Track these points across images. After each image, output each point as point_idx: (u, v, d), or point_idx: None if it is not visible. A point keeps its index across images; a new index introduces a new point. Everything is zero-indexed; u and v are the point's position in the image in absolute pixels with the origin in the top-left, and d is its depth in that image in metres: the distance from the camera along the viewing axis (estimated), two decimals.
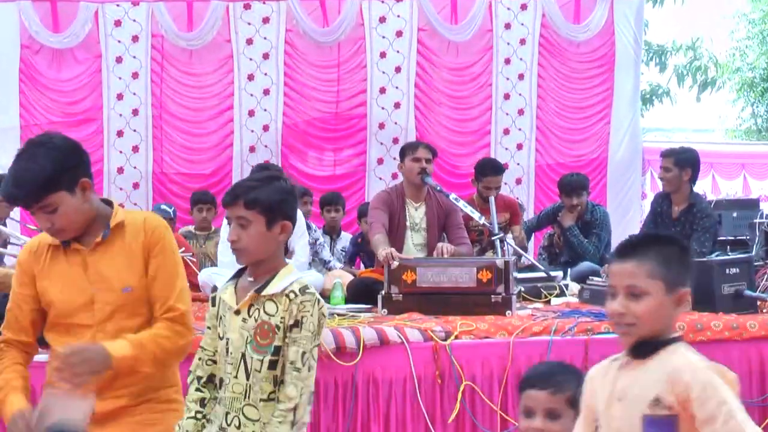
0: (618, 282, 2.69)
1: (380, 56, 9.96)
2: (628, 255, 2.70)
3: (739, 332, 5.30)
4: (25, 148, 3.21)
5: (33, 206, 3.17)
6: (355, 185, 10.03)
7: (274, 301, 3.14)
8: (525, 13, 10.11)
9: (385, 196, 6.91)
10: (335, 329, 5.07)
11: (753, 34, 25.44)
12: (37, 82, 9.61)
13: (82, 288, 3.29)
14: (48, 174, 3.11)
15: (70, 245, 3.30)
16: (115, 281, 3.29)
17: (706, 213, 6.91)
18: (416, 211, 6.89)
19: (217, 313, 3.27)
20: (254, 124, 9.88)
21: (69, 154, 3.23)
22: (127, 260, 3.32)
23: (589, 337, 5.15)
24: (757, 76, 25.48)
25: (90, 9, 9.57)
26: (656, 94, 19.22)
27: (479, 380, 5.06)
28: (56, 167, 3.14)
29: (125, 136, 9.75)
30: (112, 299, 3.28)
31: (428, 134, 9.88)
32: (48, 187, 3.13)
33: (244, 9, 9.77)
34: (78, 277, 3.30)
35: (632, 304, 2.61)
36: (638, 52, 10.69)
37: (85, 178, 3.26)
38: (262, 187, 3.18)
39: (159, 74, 9.76)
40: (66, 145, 3.25)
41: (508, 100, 10.16)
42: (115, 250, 3.32)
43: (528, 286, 6.37)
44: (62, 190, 3.16)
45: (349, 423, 4.93)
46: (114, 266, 3.30)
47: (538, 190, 10.25)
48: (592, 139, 10.27)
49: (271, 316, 3.14)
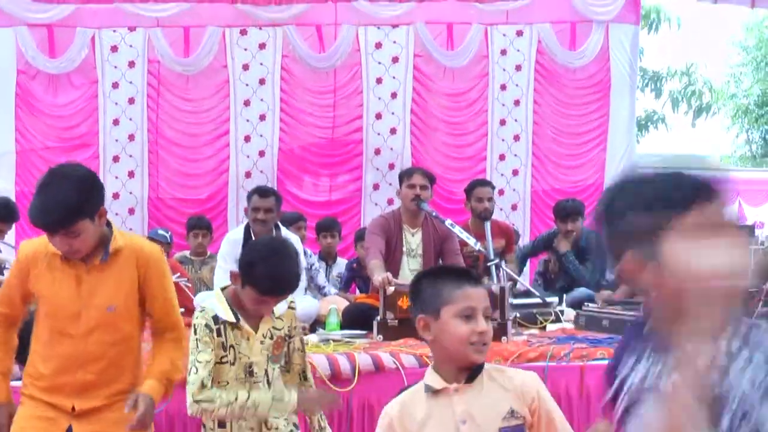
0: (478, 304, 2.77)
1: (376, 82, 10.00)
2: (482, 284, 2.94)
3: None
4: (51, 179, 3.49)
5: (59, 232, 3.41)
6: (351, 211, 10.04)
7: (281, 318, 3.75)
8: (521, 39, 10.15)
9: (382, 222, 6.90)
10: (330, 355, 5.06)
11: (747, 60, 25.55)
12: (33, 107, 9.64)
13: (71, 301, 3.56)
14: (77, 203, 3.39)
15: (69, 259, 3.55)
16: (103, 300, 3.57)
17: None
18: (413, 237, 6.88)
19: (224, 344, 3.62)
20: (250, 149, 9.90)
21: (92, 184, 3.54)
22: (117, 283, 3.60)
23: (584, 363, 5.14)
24: (752, 103, 25.56)
25: (86, 34, 9.60)
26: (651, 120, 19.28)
27: None
28: (82, 197, 3.42)
29: (121, 162, 9.76)
30: (96, 316, 3.56)
31: (424, 160, 9.89)
32: (76, 216, 3.39)
33: (241, 35, 9.81)
34: (70, 289, 3.56)
35: (490, 328, 2.78)
36: (634, 78, 10.74)
37: (102, 207, 3.53)
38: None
39: (155, 99, 9.79)
40: (90, 176, 3.56)
41: (504, 126, 10.19)
42: (109, 273, 3.58)
43: (523, 312, 6.35)
44: (87, 218, 3.41)
45: None
46: (105, 287, 3.58)
47: (534, 215, 10.26)
48: (588, 165, 10.29)
49: (279, 329, 3.75)
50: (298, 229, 8.14)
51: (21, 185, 9.52)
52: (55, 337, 3.59)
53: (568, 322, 6.43)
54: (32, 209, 3.47)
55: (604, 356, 5.10)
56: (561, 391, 4.92)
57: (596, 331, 5.87)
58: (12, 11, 9.42)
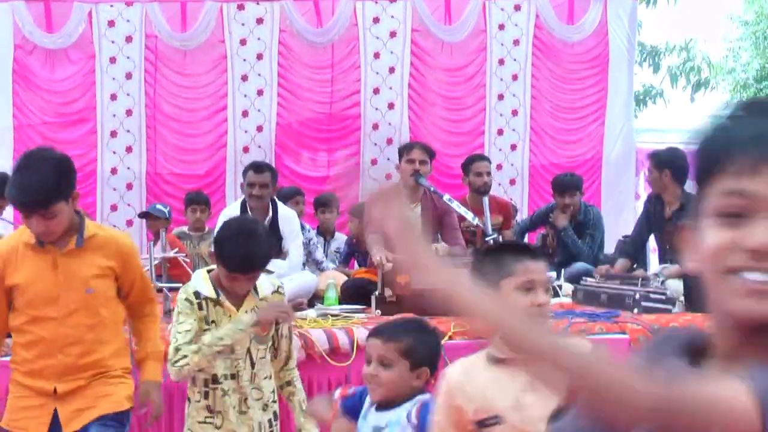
0: (538, 277, 2.87)
1: (374, 57, 9.97)
2: (543, 258, 3.05)
3: None
4: (27, 161, 3.68)
5: (36, 212, 3.53)
6: (349, 186, 10.02)
7: (266, 300, 3.85)
8: (519, 13, 10.12)
9: None
10: (329, 330, 5.08)
11: (746, 35, 25.49)
12: (31, 83, 9.60)
13: (50, 284, 3.71)
14: (55, 184, 3.53)
15: (44, 245, 3.69)
16: (81, 283, 3.72)
17: None
18: (411, 212, 6.87)
19: (206, 318, 3.81)
20: (248, 124, 9.88)
21: (68, 167, 3.70)
22: (93, 269, 3.75)
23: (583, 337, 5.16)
24: (751, 78, 25.51)
25: (83, 9, 9.56)
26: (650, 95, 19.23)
27: None
28: (60, 179, 3.58)
29: (119, 137, 9.74)
30: (76, 298, 3.71)
31: (422, 135, 9.87)
32: (54, 197, 3.52)
33: (238, 10, 9.77)
34: (47, 274, 3.70)
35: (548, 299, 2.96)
36: (632, 52, 10.72)
37: (75, 190, 3.69)
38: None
39: (153, 75, 9.75)
40: (65, 159, 3.74)
41: (502, 101, 10.17)
42: (84, 258, 3.73)
43: None
44: (63, 199, 3.55)
45: None
46: (81, 271, 3.73)
47: (532, 190, 10.26)
48: (586, 140, 10.28)
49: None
50: (296, 204, 8.15)
51: None
52: (36, 323, 3.73)
53: (567, 296, 6.46)
54: (11, 189, 3.60)
55: (602, 330, 5.12)
56: None
57: (594, 306, 5.89)
58: None
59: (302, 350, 4.92)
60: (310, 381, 4.96)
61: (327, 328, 5.13)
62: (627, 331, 5.11)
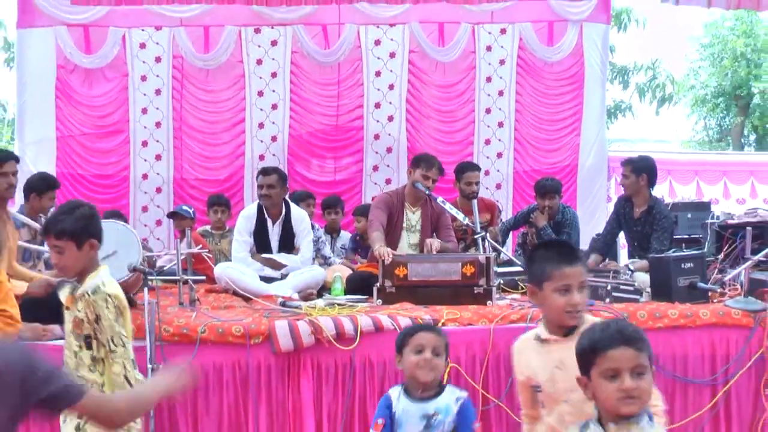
0: (573, 281, 3.05)
1: (375, 75, 9.96)
2: (579, 261, 3.13)
3: (693, 320, 5.30)
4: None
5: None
6: (353, 189, 10.03)
7: (80, 300, 3.57)
8: (504, 36, 10.10)
9: (386, 198, 6.87)
10: (336, 317, 5.06)
11: (705, 56, 25.51)
12: (71, 98, 9.60)
13: None
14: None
15: None
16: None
17: (664, 214, 6.91)
18: (413, 215, 6.86)
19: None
20: (264, 135, 9.88)
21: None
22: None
23: None
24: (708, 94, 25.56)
25: (118, 33, 9.56)
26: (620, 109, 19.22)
27: (463, 362, 5.05)
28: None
29: (149, 146, 9.74)
30: None
31: (418, 144, 9.88)
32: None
33: (255, 33, 9.77)
34: None
35: (583, 296, 3.09)
36: (604, 71, 10.71)
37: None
38: (66, 219, 3.57)
39: (179, 91, 9.76)
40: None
41: (490, 114, 10.16)
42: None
43: (506, 279, 6.35)
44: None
45: (348, 400, 4.93)
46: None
47: (516, 193, 10.25)
48: (564, 149, 10.26)
49: (79, 311, 3.58)
50: (307, 206, 8.15)
51: (61, 167, 9.51)
52: None
53: None
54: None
55: None
56: None
57: None
58: (52, 13, 9.37)
59: (312, 335, 4.91)
60: (319, 363, 4.95)
61: (334, 315, 5.11)
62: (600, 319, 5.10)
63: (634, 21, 17.85)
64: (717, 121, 26.59)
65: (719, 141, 26.54)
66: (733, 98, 25.16)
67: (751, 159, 19.17)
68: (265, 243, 6.93)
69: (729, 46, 24.53)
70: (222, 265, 6.75)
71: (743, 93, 24.76)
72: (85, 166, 9.66)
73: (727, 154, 22.61)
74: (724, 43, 24.69)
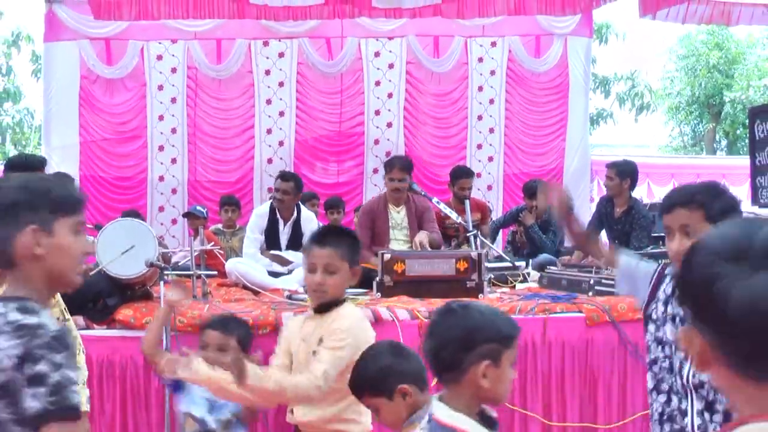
0: (318, 261, 3.15)
1: (375, 84, 9.94)
2: (325, 243, 3.20)
3: None
4: None
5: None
6: (354, 191, 10.01)
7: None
8: (494, 49, 10.08)
9: (367, 208, 7.04)
10: None
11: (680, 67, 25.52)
12: (94, 106, 9.59)
13: None
14: None
15: None
16: None
17: (643, 214, 6.90)
18: (398, 214, 6.88)
19: None
20: (271, 140, 9.85)
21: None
22: None
23: (547, 315, 5.10)
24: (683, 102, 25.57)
25: (137, 46, 9.54)
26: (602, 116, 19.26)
27: None
28: None
29: (165, 151, 9.72)
30: None
31: (415, 149, 9.88)
32: None
33: (264, 45, 9.75)
34: None
35: (329, 278, 3.18)
36: (587, 81, 10.69)
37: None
38: None
39: (193, 99, 9.74)
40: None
41: (481, 121, 10.14)
42: None
43: (497, 274, 6.33)
44: None
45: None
46: None
47: (506, 194, 10.23)
48: (550, 153, 10.24)
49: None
50: (312, 206, 8.14)
51: (84, 170, 9.52)
52: None
53: (534, 282, 6.40)
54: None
55: (563, 310, 5.08)
56: (527, 339, 4.90)
57: (556, 289, 5.84)
58: (76, 28, 9.35)
59: None
60: None
61: None
62: (583, 311, 5.08)
63: (615, 34, 17.88)
64: (691, 127, 26.61)
65: (693, 146, 26.56)
66: (706, 106, 25.17)
67: (723, 162, 19.24)
68: (275, 241, 6.91)
69: (702, 57, 24.54)
70: (233, 261, 6.72)
71: (716, 101, 24.77)
72: (107, 169, 9.65)
73: (701, 158, 22.65)
74: (698, 55, 24.70)
